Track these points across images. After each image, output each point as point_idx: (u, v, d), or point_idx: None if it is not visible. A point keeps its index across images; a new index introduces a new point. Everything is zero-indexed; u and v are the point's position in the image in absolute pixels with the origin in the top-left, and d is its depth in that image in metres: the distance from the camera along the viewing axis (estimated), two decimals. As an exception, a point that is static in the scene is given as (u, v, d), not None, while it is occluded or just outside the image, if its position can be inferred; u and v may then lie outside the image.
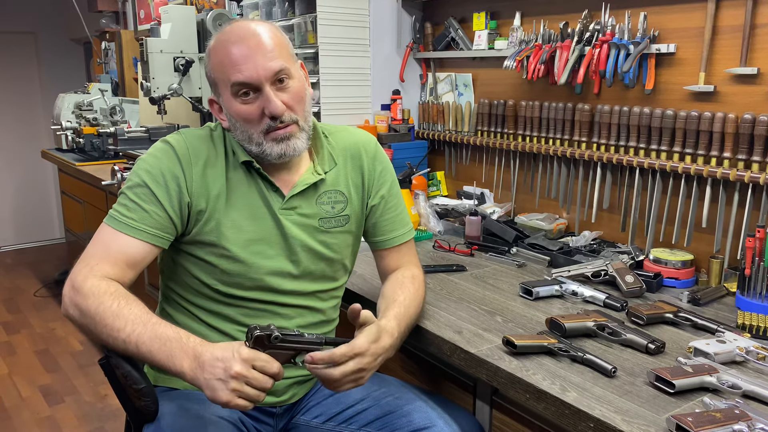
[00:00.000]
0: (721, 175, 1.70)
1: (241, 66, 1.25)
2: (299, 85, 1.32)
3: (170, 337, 1.13)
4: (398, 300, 1.37)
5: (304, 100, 1.33)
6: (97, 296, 1.17)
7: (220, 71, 1.28)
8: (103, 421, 2.92)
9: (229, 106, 1.30)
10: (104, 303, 1.17)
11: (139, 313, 1.17)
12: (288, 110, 1.29)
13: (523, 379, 1.21)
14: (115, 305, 1.17)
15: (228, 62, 1.26)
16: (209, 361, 1.07)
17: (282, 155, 1.31)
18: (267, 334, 1.11)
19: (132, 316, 1.16)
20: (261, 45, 1.26)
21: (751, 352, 1.28)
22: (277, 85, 1.28)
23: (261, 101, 1.27)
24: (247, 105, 1.28)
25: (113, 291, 1.19)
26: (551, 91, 2.19)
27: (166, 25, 3.09)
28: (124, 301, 1.18)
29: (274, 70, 1.26)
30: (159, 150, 1.34)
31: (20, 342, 3.84)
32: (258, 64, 1.25)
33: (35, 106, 5.86)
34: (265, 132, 1.29)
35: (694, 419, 1.01)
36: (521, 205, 2.38)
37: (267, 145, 1.30)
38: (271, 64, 1.26)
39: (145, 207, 1.28)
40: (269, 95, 1.26)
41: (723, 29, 1.72)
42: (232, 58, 1.25)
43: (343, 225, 1.45)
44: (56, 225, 5.97)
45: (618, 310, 1.53)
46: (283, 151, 1.31)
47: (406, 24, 2.68)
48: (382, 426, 1.36)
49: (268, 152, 1.31)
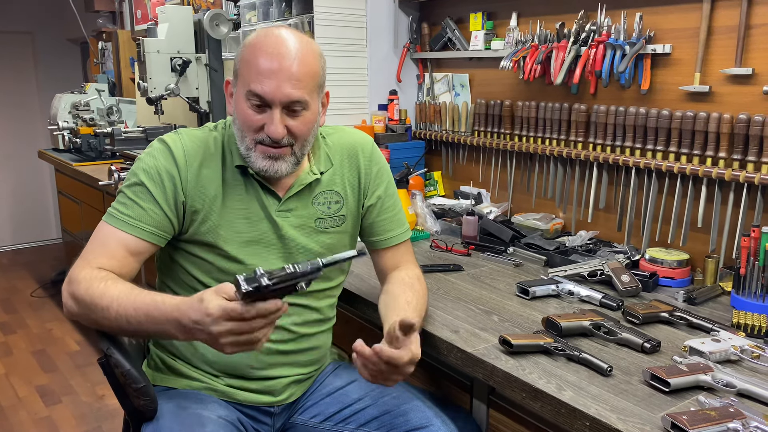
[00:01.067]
0: (716, 175, 1.70)
1: (264, 80, 1.24)
2: (310, 117, 1.32)
3: (149, 307, 1.13)
4: (412, 304, 1.37)
5: (309, 131, 1.33)
6: (88, 281, 1.20)
7: (245, 70, 1.28)
8: (101, 421, 2.91)
9: (239, 102, 1.31)
10: (92, 286, 1.19)
11: (123, 289, 1.18)
12: (288, 136, 1.29)
13: (519, 378, 1.22)
14: (102, 285, 1.19)
15: (254, 69, 1.26)
16: (191, 328, 1.07)
17: (263, 170, 1.31)
18: (255, 286, 1.01)
19: (116, 292, 1.17)
20: (291, 70, 1.25)
21: (746, 351, 1.29)
22: (289, 111, 1.28)
23: (266, 117, 1.27)
24: (253, 112, 1.28)
25: (103, 276, 1.22)
26: (548, 91, 2.20)
27: (163, 25, 3.09)
28: (111, 282, 1.20)
29: (292, 99, 1.26)
30: (156, 149, 1.35)
31: (17, 342, 3.83)
32: (280, 86, 1.24)
33: (32, 106, 5.85)
34: (257, 142, 1.30)
35: (689, 417, 1.02)
36: (518, 205, 2.39)
37: (254, 154, 1.31)
38: (291, 92, 1.25)
39: (142, 205, 1.29)
40: (275, 118, 1.26)
41: (718, 30, 1.72)
42: (260, 68, 1.25)
43: (339, 225, 1.46)
44: (53, 225, 5.96)
45: (614, 310, 1.54)
46: (266, 168, 1.31)
47: (403, 24, 2.68)
48: (379, 425, 1.37)
49: (252, 161, 1.31)
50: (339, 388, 1.46)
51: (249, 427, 1.39)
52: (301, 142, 1.32)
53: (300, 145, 1.33)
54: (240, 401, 1.39)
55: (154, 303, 1.14)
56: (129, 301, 1.16)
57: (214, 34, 3.08)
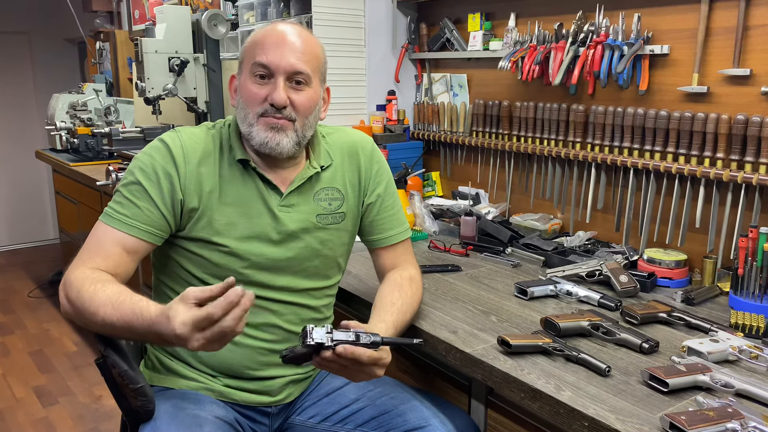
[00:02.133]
0: (714, 176, 1.71)
1: (268, 51, 1.30)
2: (313, 96, 1.35)
3: (130, 317, 1.12)
4: (397, 305, 1.37)
5: (310, 110, 1.35)
6: (80, 283, 1.20)
7: (250, 49, 1.34)
8: (98, 421, 2.91)
9: (244, 82, 1.34)
10: (83, 289, 1.19)
11: (111, 294, 1.17)
12: (290, 107, 1.32)
13: (518, 379, 1.22)
14: (92, 289, 1.18)
15: (259, 45, 1.32)
16: (170, 341, 1.06)
17: (264, 143, 1.32)
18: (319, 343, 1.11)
19: (104, 297, 1.16)
20: (295, 44, 1.32)
21: (744, 351, 1.29)
22: (292, 84, 1.32)
23: (270, 87, 1.31)
24: (257, 86, 1.32)
25: (95, 277, 1.21)
26: (546, 91, 2.20)
27: (160, 25, 3.08)
28: (100, 285, 1.19)
29: (295, 68, 1.31)
30: (153, 148, 1.35)
31: (14, 343, 3.82)
32: (283, 55, 1.30)
33: (29, 107, 5.83)
34: (260, 114, 1.32)
35: (687, 418, 1.02)
36: (516, 206, 2.39)
37: (256, 127, 1.32)
38: (294, 62, 1.31)
39: (138, 204, 1.29)
40: (279, 84, 1.30)
41: (716, 30, 1.73)
42: (265, 43, 1.32)
43: (339, 222, 1.46)
44: (50, 225, 5.94)
45: (612, 310, 1.54)
46: (267, 140, 1.31)
47: (401, 24, 2.68)
48: (377, 426, 1.36)
49: (254, 134, 1.33)
50: (337, 389, 1.46)
51: (246, 428, 1.39)
52: (302, 119, 1.34)
53: (301, 123, 1.34)
54: (237, 401, 1.39)
55: (133, 313, 1.12)
56: (113, 308, 1.15)
57: (212, 35, 3.08)
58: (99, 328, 1.19)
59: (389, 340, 1.19)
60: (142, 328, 1.11)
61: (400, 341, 1.28)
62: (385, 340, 1.17)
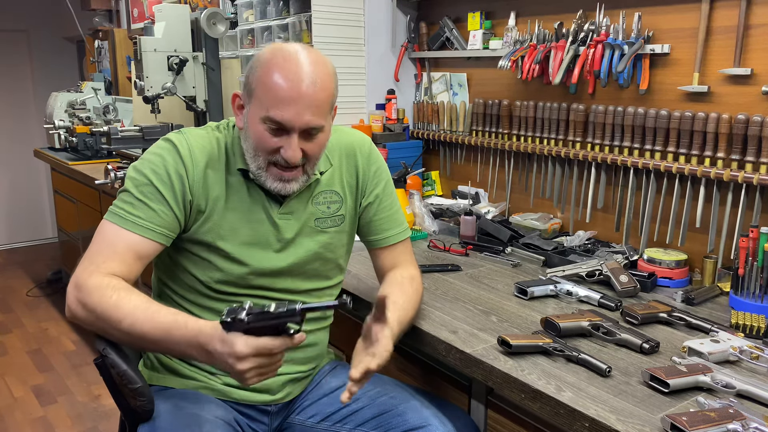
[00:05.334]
0: (714, 175, 1.70)
1: (283, 107, 1.23)
2: (324, 138, 1.33)
3: (170, 326, 1.15)
4: (399, 303, 1.37)
5: (321, 151, 1.34)
6: (100, 290, 1.19)
7: (263, 93, 1.25)
8: (97, 421, 2.90)
9: (254, 122, 1.27)
10: (105, 295, 1.18)
11: (138, 303, 1.18)
12: (303, 157, 1.29)
13: (518, 379, 1.21)
14: (115, 296, 1.18)
15: (273, 94, 1.23)
16: (217, 355, 1.10)
17: (276, 191, 1.32)
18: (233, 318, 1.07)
19: (131, 306, 1.17)
20: (311, 97, 1.24)
21: (745, 352, 1.29)
22: (305, 135, 1.28)
23: (283, 141, 1.26)
24: (269, 135, 1.26)
25: (115, 284, 1.20)
26: (546, 91, 2.19)
27: (159, 23, 3.08)
28: (124, 293, 1.19)
29: (311, 126, 1.26)
30: (162, 149, 1.33)
31: (12, 342, 3.81)
32: (300, 113, 1.23)
33: (28, 105, 5.82)
34: (271, 163, 1.30)
35: (688, 418, 1.02)
36: (516, 205, 2.38)
37: (266, 175, 1.31)
38: (310, 119, 1.25)
39: (152, 206, 1.28)
40: (293, 144, 1.26)
41: (717, 30, 1.72)
42: (279, 94, 1.23)
43: (338, 225, 1.45)
44: (49, 224, 5.93)
45: (612, 310, 1.54)
46: (279, 189, 1.32)
47: (401, 23, 2.68)
48: (377, 425, 1.36)
49: (263, 180, 1.31)
50: (336, 388, 1.46)
51: (246, 427, 1.38)
52: (312, 161, 1.33)
53: (312, 164, 1.34)
54: (237, 400, 1.39)
55: (176, 322, 1.15)
56: (146, 316, 1.16)
57: (211, 33, 3.07)
58: (121, 335, 1.19)
59: (306, 307, 1.08)
60: (182, 338, 1.13)
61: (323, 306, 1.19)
62: (300, 308, 1.07)
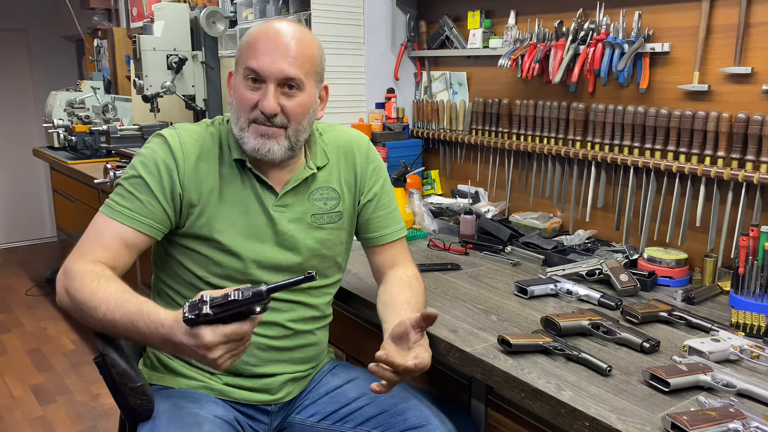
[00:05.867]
0: (715, 174, 1.70)
1: (260, 56, 1.28)
2: (305, 101, 1.32)
3: (135, 316, 1.12)
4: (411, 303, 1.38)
5: (302, 116, 1.33)
6: (82, 276, 1.19)
7: (244, 51, 1.32)
8: (96, 420, 2.90)
9: (237, 84, 1.33)
10: (84, 283, 1.18)
11: (113, 291, 1.17)
12: (281, 115, 1.30)
13: (518, 378, 1.21)
14: (94, 285, 1.18)
15: (252, 48, 1.29)
16: (185, 348, 1.07)
17: (255, 150, 1.31)
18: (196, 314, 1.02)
19: (106, 294, 1.16)
20: (288, 48, 1.28)
21: (745, 351, 1.28)
22: (284, 89, 1.30)
23: (261, 94, 1.29)
24: (249, 91, 1.30)
25: (98, 272, 1.21)
26: (546, 89, 2.19)
27: (159, 22, 3.07)
28: (103, 281, 1.19)
29: (286, 74, 1.28)
30: (153, 143, 1.36)
31: (11, 341, 3.81)
32: (275, 61, 1.27)
33: (27, 104, 5.81)
34: (251, 120, 1.31)
35: (689, 418, 1.01)
36: (516, 204, 2.38)
37: (247, 133, 1.31)
38: (285, 67, 1.28)
39: (140, 197, 1.30)
40: (269, 93, 1.28)
41: (717, 28, 1.72)
42: (257, 46, 1.29)
43: (335, 221, 1.45)
44: (48, 223, 5.93)
45: (613, 309, 1.54)
46: (258, 147, 1.31)
47: (401, 22, 2.67)
48: (377, 424, 1.36)
49: (245, 140, 1.32)
50: (336, 387, 1.46)
51: (246, 427, 1.38)
52: (294, 125, 1.32)
53: (294, 129, 1.32)
54: (237, 400, 1.38)
55: (140, 312, 1.12)
56: (117, 305, 1.15)
57: (210, 32, 3.06)
58: (96, 323, 1.18)
59: (272, 287, 1.03)
60: (147, 329, 1.11)
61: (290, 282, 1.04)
62: (267, 288, 1.02)
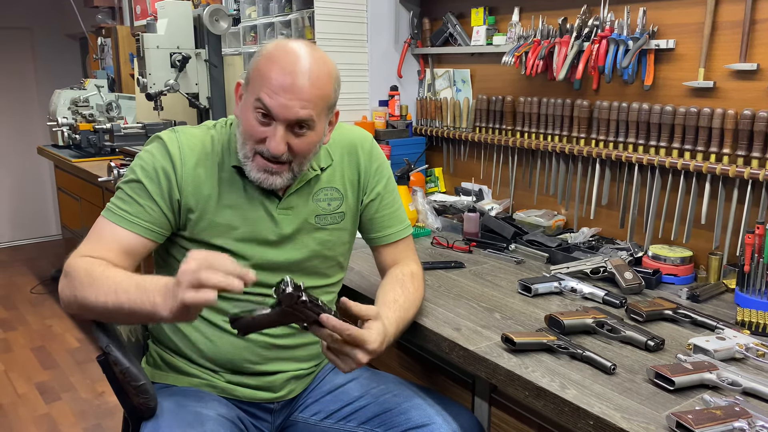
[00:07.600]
0: (720, 172, 1.69)
1: (273, 94, 1.22)
2: (314, 138, 1.30)
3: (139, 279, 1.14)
4: (399, 302, 1.36)
5: (310, 151, 1.31)
6: (82, 265, 1.20)
7: (257, 79, 1.25)
8: (100, 418, 2.91)
9: (246, 108, 1.28)
10: (89, 269, 1.19)
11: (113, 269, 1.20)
12: (288, 153, 1.28)
13: (522, 377, 1.21)
14: (99, 269, 1.19)
15: (266, 79, 1.23)
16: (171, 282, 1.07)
17: (258, 181, 1.31)
18: (297, 294, 1.06)
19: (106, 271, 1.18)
20: (303, 90, 1.23)
21: (751, 349, 1.28)
22: (294, 129, 1.26)
23: (270, 131, 1.25)
24: (258, 123, 1.26)
25: (92, 262, 1.22)
26: (550, 86, 2.18)
27: (162, 20, 3.07)
28: (103, 265, 1.20)
29: (298, 117, 1.24)
30: (152, 146, 1.36)
31: (16, 339, 3.82)
32: (288, 104, 1.22)
33: (31, 102, 5.83)
34: (256, 152, 1.28)
35: (694, 416, 1.01)
36: (519, 202, 2.37)
37: (251, 164, 1.30)
38: (298, 111, 1.23)
39: (140, 201, 1.30)
40: (278, 135, 1.24)
41: (722, 25, 1.71)
42: (272, 81, 1.22)
43: (338, 222, 1.45)
44: (53, 222, 5.95)
45: (617, 307, 1.53)
46: (261, 180, 1.30)
47: (404, 19, 2.67)
48: (380, 423, 1.36)
49: (248, 170, 1.31)
50: (339, 386, 1.46)
51: (249, 425, 1.38)
52: (300, 160, 1.31)
53: (299, 162, 1.31)
54: (240, 398, 1.38)
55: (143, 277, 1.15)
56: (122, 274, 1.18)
57: (213, 30, 3.07)
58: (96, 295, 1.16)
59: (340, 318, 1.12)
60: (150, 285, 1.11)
61: None
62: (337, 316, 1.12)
